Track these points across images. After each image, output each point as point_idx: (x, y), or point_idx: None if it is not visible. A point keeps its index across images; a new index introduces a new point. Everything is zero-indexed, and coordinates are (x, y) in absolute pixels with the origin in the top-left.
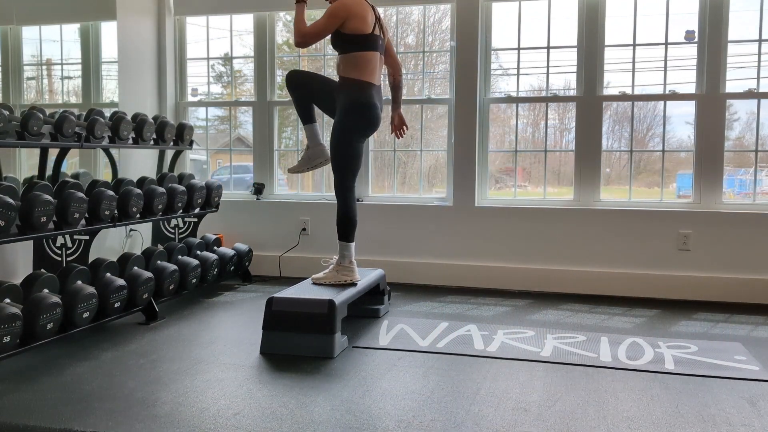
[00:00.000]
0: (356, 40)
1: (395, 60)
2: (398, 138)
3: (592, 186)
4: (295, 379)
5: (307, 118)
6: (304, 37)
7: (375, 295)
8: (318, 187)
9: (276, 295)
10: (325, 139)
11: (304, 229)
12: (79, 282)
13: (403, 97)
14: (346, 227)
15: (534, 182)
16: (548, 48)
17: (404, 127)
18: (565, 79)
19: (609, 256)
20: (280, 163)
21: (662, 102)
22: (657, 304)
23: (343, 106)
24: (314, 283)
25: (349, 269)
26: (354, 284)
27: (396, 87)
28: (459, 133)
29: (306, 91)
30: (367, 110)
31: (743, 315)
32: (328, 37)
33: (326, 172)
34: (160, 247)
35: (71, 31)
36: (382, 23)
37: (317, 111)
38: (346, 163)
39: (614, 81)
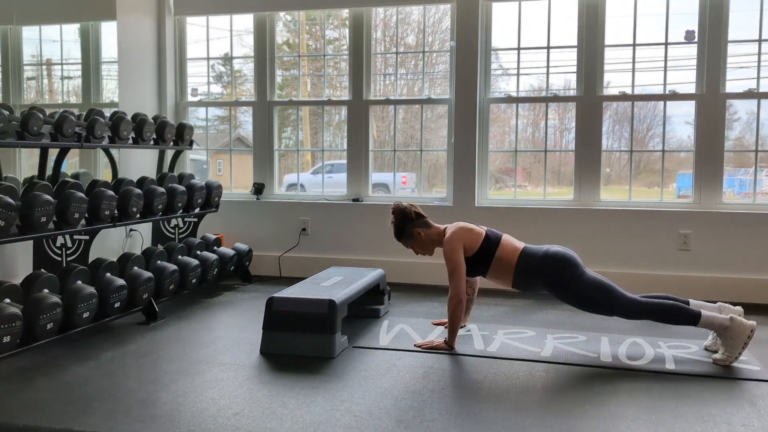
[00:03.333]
0: (484, 252)
1: (474, 281)
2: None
3: (592, 186)
4: (295, 379)
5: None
6: (457, 292)
7: (375, 295)
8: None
9: (276, 295)
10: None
11: (304, 229)
12: (79, 282)
13: (403, 97)
14: (679, 315)
15: (534, 182)
16: (548, 48)
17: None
18: (565, 79)
19: (609, 256)
20: (280, 163)
21: (662, 102)
22: None
23: (550, 276)
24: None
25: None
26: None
27: (470, 301)
28: (459, 133)
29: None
30: (554, 256)
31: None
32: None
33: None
34: (160, 247)
35: (71, 31)
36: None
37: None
38: (600, 293)
39: (614, 81)
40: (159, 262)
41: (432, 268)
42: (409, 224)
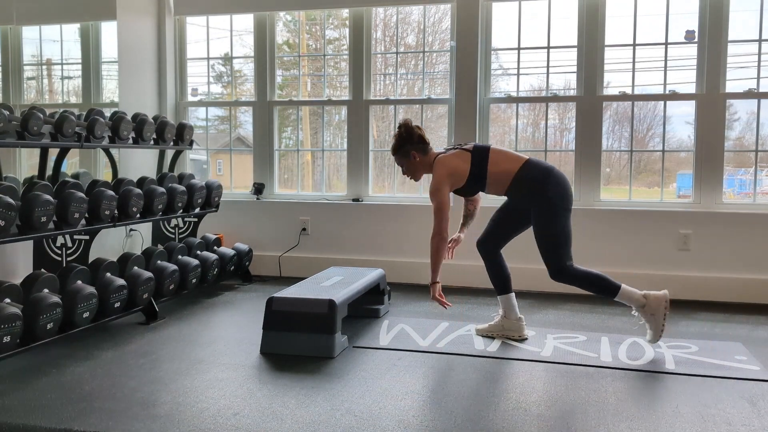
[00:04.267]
0: (476, 174)
1: (476, 198)
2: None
3: (592, 186)
4: (295, 379)
5: (505, 287)
6: (439, 230)
7: (375, 295)
8: (318, 187)
9: (276, 295)
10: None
11: (304, 229)
12: (79, 282)
13: (403, 97)
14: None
15: None
16: (548, 48)
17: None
18: (565, 79)
19: (609, 256)
20: (280, 162)
21: (662, 102)
22: None
23: (529, 193)
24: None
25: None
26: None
27: (471, 216)
28: (459, 133)
29: (506, 238)
30: (549, 177)
31: (743, 315)
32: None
33: (327, 173)
34: (160, 247)
35: (71, 31)
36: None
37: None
38: (561, 241)
39: (614, 81)
40: (159, 262)
41: None
42: (408, 144)
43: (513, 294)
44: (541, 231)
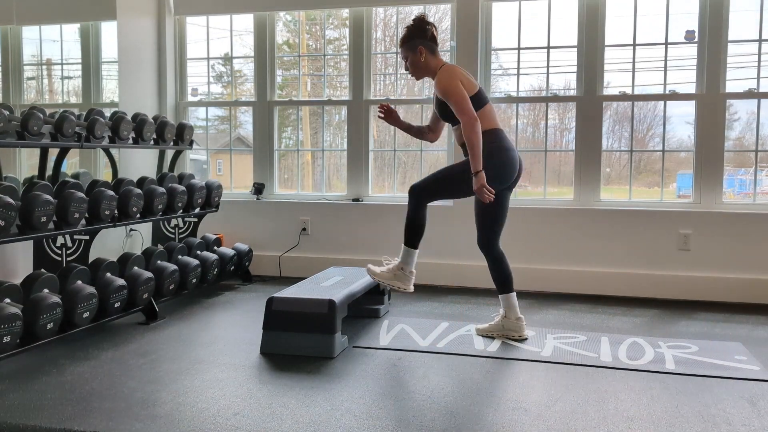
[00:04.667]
0: (472, 101)
1: (441, 130)
2: (379, 115)
3: (592, 186)
4: (295, 379)
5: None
6: (473, 119)
7: (375, 294)
8: (318, 187)
9: (276, 295)
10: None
11: (304, 229)
12: (79, 282)
13: (403, 97)
14: (412, 232)
15: (534, 182)
16: (548, 48)
17: (393, 114)
18: (565, 79)
19: (609, 256)
20: (280, 162)
21: (662, 102)
22: (657, 304)
23: (489, 156)
24: (368, 273)
25: (407, 279)
26: (405, 291)
27: (421, 133)
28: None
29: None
30: (504, 153)
31: (743, 315)
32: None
33: (327, 173)
34: (160, 247)
35: (71, 31)
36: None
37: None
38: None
39: (614, 81)
40: (159, 262)
41: (432, 268)
42: (419, 38)
43: (514, 294)
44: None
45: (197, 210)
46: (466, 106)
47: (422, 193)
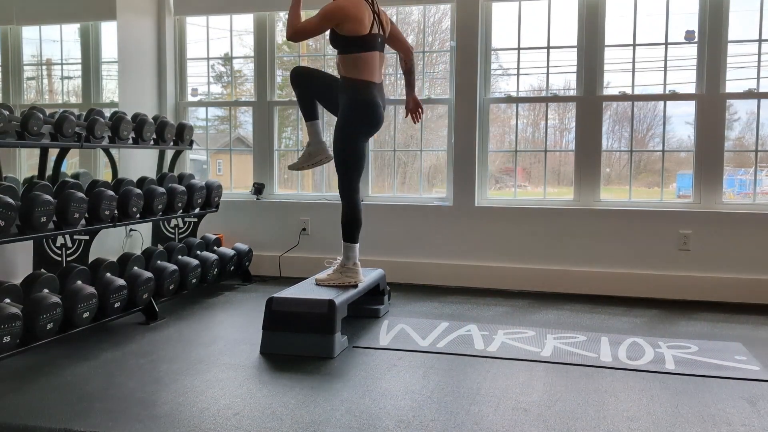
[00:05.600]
0: (354, 41)
1: (404, 45)
2: (414, 122)
3: (592, 186)
4: (295, 379)
5: (310, 115)
6: (296, 34)
7: (375, 295)
8: (318, 187)
9: (276, 295)
10: (328, 137)
11: (304, 229)
12: (79, 282)
13: (403, 97)
14: (351, 228)
15: (534, 182)
16: (548, 48)
17: (419, 110)
18: (565, 79)
19: (609, 256)
20: (280, 163)
21: (662, 102)
22: (657, 304)
23: (345, 106)
24: (317, 284)
25: (353, 271)
26: (356, 286)
27: (408, 71)
28: (459, 133)
29: (309, 87)
30: (369, 108)
31: (743, 315)
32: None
33: (327, 173)
34: (160, 247)
35: (71, 31)
36: (382, 17)
37: (320, 109)
38: (350, 163)
39: (614, 81)
40: (159, 262)
41: (432, 268)
42: None
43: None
44: (335, 142)
45: (197, 210)
46: (305, 24)
47: (349, 191)
